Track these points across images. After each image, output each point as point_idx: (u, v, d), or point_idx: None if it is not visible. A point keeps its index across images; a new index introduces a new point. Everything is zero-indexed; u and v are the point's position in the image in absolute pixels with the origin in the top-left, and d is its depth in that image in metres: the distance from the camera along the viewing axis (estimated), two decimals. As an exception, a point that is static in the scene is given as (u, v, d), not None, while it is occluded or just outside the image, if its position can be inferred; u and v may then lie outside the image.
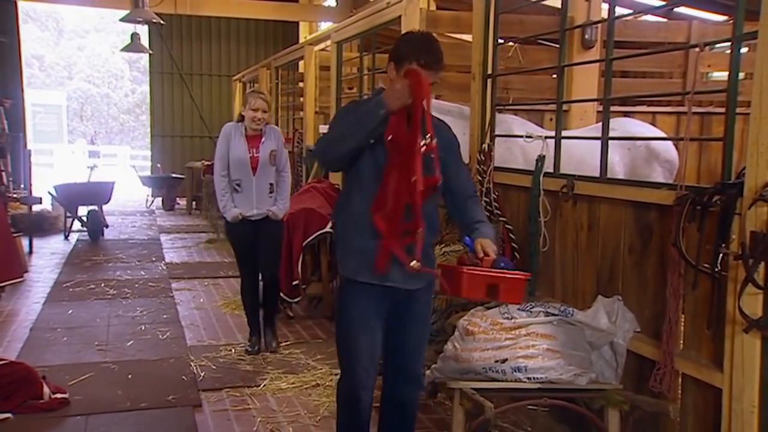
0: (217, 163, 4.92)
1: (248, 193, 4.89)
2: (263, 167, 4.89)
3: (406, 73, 2.61)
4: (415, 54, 2.66)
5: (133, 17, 9.91)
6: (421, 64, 2.65)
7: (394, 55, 2.73)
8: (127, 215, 13.21)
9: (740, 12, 2.68)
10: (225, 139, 4.89)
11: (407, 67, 2.63)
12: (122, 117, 39.58)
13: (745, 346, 2.51)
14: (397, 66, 2.70)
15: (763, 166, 2.42)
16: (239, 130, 4.90)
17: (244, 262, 5.10)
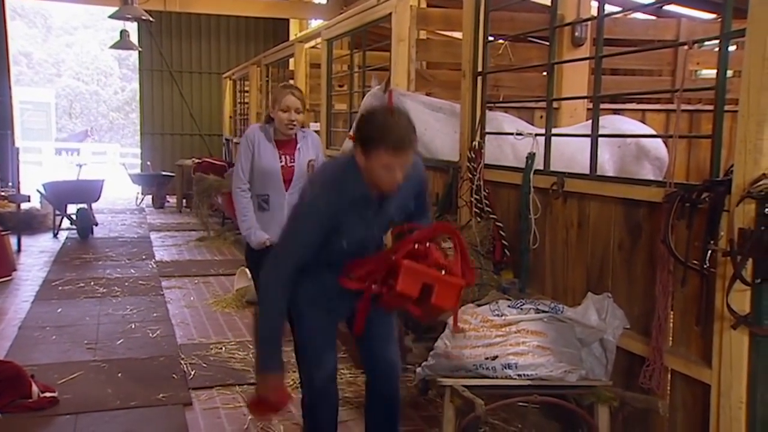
0: (237, 175, 3.93)
1: (278, 212, 3.83)
2: (298, 181, 3.86)
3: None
4: (382, 140, 2.40)
5: (122, 14, 9.86)
6: (391, 150, 2.40)
7: (360, 136, 2.49)
8: (116, 213, 13.14)
9: (728, 10, 2.69)
10: (249, 144, 3.90)
11: (376, 155, 2.41)
12: (112, 114, 39.39)
13: (733, 343, 2.53)
14: (364, 151, 2.45)
15: (751, 164, 2.44)
16: (268, 135, 3.90)
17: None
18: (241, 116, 13.31)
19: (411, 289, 2.45)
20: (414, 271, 2.45)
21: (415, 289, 2.45)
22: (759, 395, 2.45)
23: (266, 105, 10.63)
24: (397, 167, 2.43)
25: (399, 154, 2.41)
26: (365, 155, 2.45)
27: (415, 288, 2.44)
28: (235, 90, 13.97)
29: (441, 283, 2.47)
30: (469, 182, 4.41)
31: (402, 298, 2.49)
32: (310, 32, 9.78)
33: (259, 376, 2.68)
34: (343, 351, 4.97)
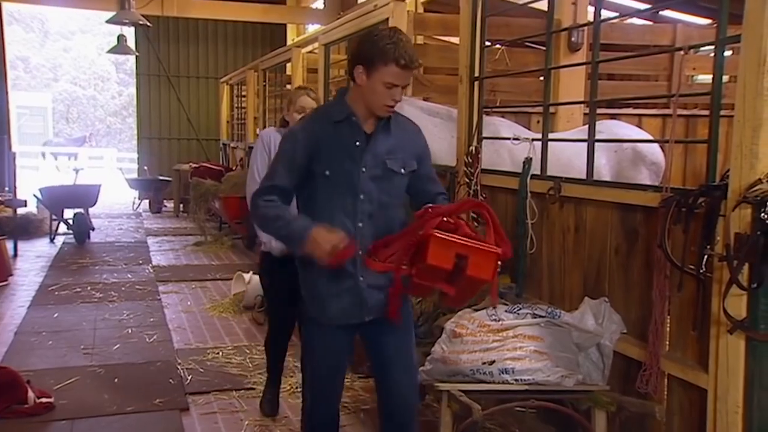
0: (253, 179, 3.75)
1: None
2: None
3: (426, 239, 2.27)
4: (394, 54, 2.37)
5: (120, 19, 9.88)
6: (401, 65, 2.39)
7: (362, 56, 2.43)
8: (113, 218, 13.13)
9: (723, 16, 2.70)
10: (264, 148, 3.78)
11: (381, 70, 2.39)
12: (109, 119, 39.36)
13: (729, 347, 2.53)
14: (368, 69, 2.42)
15: (747, 169, 2.44)
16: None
17: (284, 305, 3.95)
18: (238, 121, 13.30)
19: (443, 260, 2.23)
20: (445, 241, 2.25)
21: (447, 261, 2.24)
22: (755, 400, 2.45)
23: (262, 109, 10.65)
24: (399, 85, 2.42)
25: (406, 70, 2.40)
26: (367, 73, 2.42)
27: (447, 259, 2.24)
28: (232, 95, 13.96)
29: (476, 252, 2.26)
30: (466, 187, 4.42)
31: (434, 272, 2.26)
32: (307, 37, 9.78)
33: (305, 242, 2.39)
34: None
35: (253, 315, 6.10)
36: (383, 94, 2.43)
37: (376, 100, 2.46)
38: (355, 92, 2.52)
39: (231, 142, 13.69)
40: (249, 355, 5.07)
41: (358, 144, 2.51)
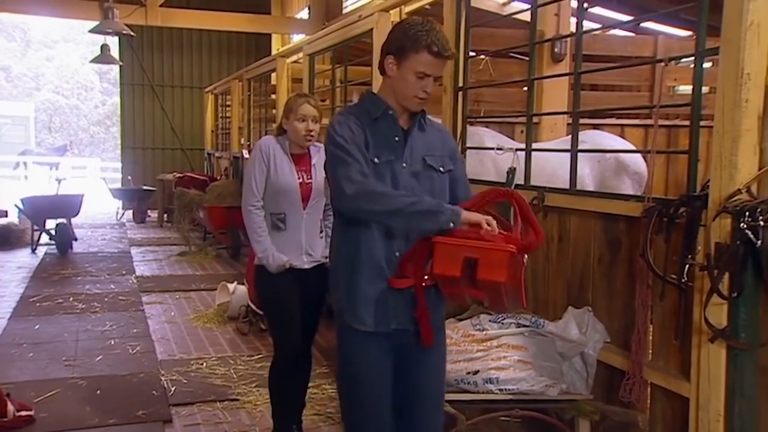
0: (249, 191, 3.54)
1: (296, 232, 3.54)
2: (316, 198, 3.59)
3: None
4: (426, 40, 2.25)
5: (103, 28, 9.83)
6: (434, 52, 2.26)
7: (393, 45, 2.31)
8: (96, 228, 13.03)
9: (702, 28, 2.74)
10: (264, 157, 3.54)
11: (413, 59, 2.27)
12: (92, 129, 39.13)
13: (711, 356, 2.55)
14: (399, 58, 2.30)
15: (727, 179, 2.47)
16: (284, 148, 3.58)
17: (287, 329, 3.58)
18: (222, 131, 13.28)
19: (450, 268, 2.12)
20: (448, 247, 2.13)
21: (455, 268, 2.11)
22: (736, 408, 2.47)
23: (247, 119, 10.63)
24: (432, 75, 2.31)
25: (438, 58, 2.28)
26: (398, 63, 2.30)
27: (455, 266, 2.11)
28: (217, 104, 13.94)
29: (485, 253, 2.12)
30: (450, 197, 4.43)
31: (448, 280, 2.16)
32: (291, 47, 9.79)
33: (456, 213, 2.18)
34: (324, 366, 4.95)
35: (237, 325, 6.07)
36: (414, 84, 2.30)
37: (408, 92, 2.33)
38: (386, 86, 2.39)
39: (216, 151, 13.66)
40: (233, 366, 5.04)
41: (397, 139, 2.37)
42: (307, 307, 3.59)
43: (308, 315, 3.60)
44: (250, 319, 5.98)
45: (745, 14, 2.38)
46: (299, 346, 3.60)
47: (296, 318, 3.55)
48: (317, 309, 3.67)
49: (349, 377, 2.44)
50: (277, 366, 3.67)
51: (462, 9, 4.44)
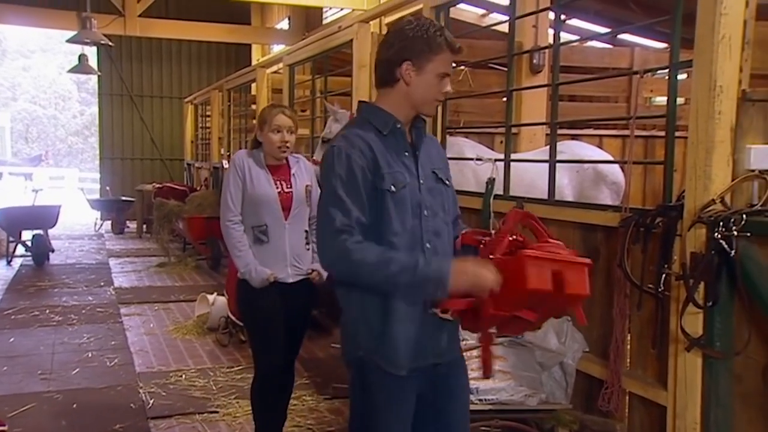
0: (226, 206, 3.47)
1: (279, 243, 3.45)
2: (298, 208, 3.50)
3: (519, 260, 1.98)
4: (444, 39, 2.14)
5: (81, 38, 9.75)
6: (456, 49, 2.17)
7: (409, 51, 2.14)
8: (74, 239, 12.89)
9: (676, 41, 2.79)
10: (238, 171, 3.48)
11: (435, 60, 2.14)
12: (70, 139, 38.75)
13: (687, 365, 2.58)
14: (418, 63, 2.14)
15: (701, 190, 2.51)
16: (258, 160, 3.51)
17: (270, 345, 3.49)
18: (202, 141, 13.23)
19: (543, 281, 1.97)
20: (539, 260, 1.99)
21: (546, 281, 1.97)
22: (712, 416, 2.49)
23: (227, 129, 10.60)
24: (450, 74, 2.19)
25: (456, 55, 2.18)
26: (418, 69, 2.14)
27: (546, 279, 1.98)
28: (197, 115, 13.89)
29: (569, 267, 2.01)
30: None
31: (529, 298, 2.01)
32: (272, 57, 9.79)
33: (446, 282, 2.00)
34: (305, 377, 4.93)
35: (217, 337, 6.03)
36: (436, 87, 2.18)
37: (429, 96, 2.19)
38: (394, 96, 2.20)
39: (195, 162, 13.60)
40: (213, 378, 5.00)
41: (407, 154, 2.21)
42: (291, 321, 3.49)
43: (292, 330, 3.51)
44: (230, 331, 5.94)
45: (716, 27, 2.42)
46: (280, 364, 3.50)
47: (279, 335, 3.45)
48: (302, 324, 3.59)
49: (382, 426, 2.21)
50: (259, 383, 3.56)
51: (441, 20, 4.47)
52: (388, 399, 2.18)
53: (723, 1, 2.41)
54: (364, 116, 2.24)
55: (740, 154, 2.50)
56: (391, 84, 2.20)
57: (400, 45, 2.16)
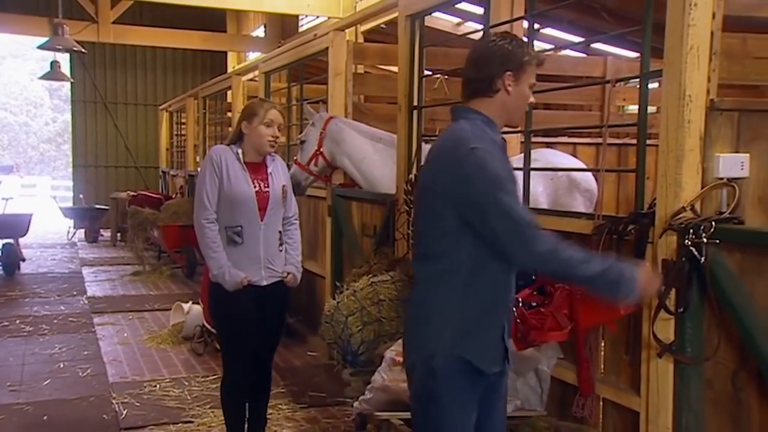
0: (201, 203, 3.33)
1: (253, 245, 3.36)
2: (274, 208, 3.41)
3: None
4: (533, 51, 2.26)
5: (53, 45, 9.61)
6: (542, 62, 2.29)
7: (510, 62, 2.20)
8: (46, 248, 12.71)
9: (646, 51, 2.83)
10: (215, 167, 3.33)
11: (529, 71, 2.22)
12: (42, 146, 38.25)
13: (659, 370, 2.61)
14: (518, 74, 2.21)
15: (672, 197, 2.54)
16: (237, 156, 3.38)
17: (241, 348, 3.43)
18: (178, 148, 13.14)
19: (630, 307, 2.41)
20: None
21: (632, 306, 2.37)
22: (684, 421, 2.52)
23: (202, 137, 10.53)
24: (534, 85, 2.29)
25: (540, 68, 2.29)
26: (517, 79, 2.21)
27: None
28: (172, 122, 13.80)
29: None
30: (405, 215, 4.45)
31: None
32: (247, 65, 9.76)
33: (634, 283, 2.05)
34: (281, 386, 4.90)
35: (192, 345, 5.97)
36: (527, 98, 2.26)
37: (523, 105, 2.27)
38: (496, 105, 2.24)
39: (171, 169, 13.50)
40: (188, 387, 4.95)
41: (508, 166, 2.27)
42: (265, 324, 3.43)
43: (267, 333, 3.47)
44: (206, 339, 5.89)
45: (685, 38, 2.46)
46: (249, 368, 3.44)
47: (250, 340, 3.40)
48: (277, 326, 3.55)
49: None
50: (228, 386, 3.51)
51: (416, 29, 4.50)
52: (464, 401, 2.20)
53: (691, 12, 2.46)
54: (479, 125, 2.24)
55: (709, 163, 2.54)
56: (490, 95, 2.24)
57: (502, 56, 2.21)
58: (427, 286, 2.23)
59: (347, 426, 4.21)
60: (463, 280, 2.16)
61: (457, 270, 2.16)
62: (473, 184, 2.09)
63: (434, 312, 2.19)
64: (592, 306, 2.27)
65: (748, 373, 2.38)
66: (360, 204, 5.40)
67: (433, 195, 2.19)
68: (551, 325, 2.37)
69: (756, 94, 4.29)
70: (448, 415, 2.19)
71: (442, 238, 2.16)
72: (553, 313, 2.38)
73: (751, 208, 2.60)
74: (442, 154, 2.23)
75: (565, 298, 2.35)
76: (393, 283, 4.00)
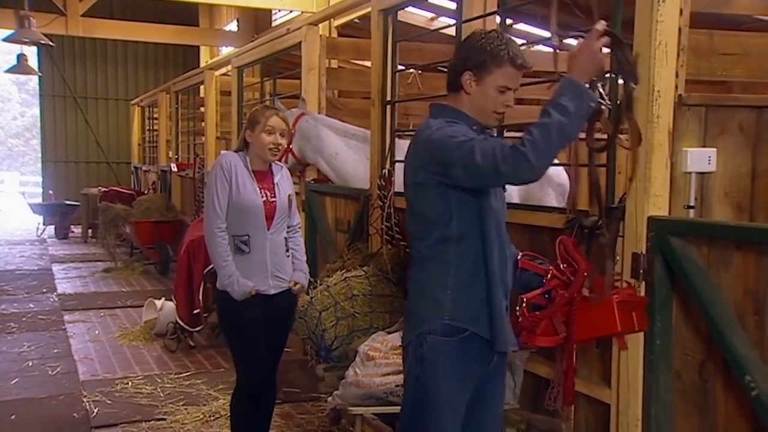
0: (213, 212, 3.29)
1: (260, 254, 3.34)
2: (280, 217, 3.40)
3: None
4: (508, 53, 2.22)
5: (19, 38, 9.44)
6: (518, 65, 2.24)
7: (471, 61, 2.24)
8: (14, 245, 12.51)
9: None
10: (226, 175, 3.30)
11: (495, 73, 2.23)
12: (10, 141, 37.56)
13: (629, 363, 2.64)
14: (479, 74, 2.24)
15: (641, 191, 2.57)
16: (245, 164, 3.36)
17: (251, 359, 3.39)
18: (150, 144, 13.00)
19: (629, 324, 2.30)
20: (625, 303, 2.29)
21: (633, 324, 2.31)
22: (652, 412, 2.56)
23: (175, 132, 10.43)
24: (512, 88, 2.27)
25: (520, 70, 2.25)
26: (478, 79, 2.24)
27: (632, 322, 2.31)
28: (144, 117, 13.64)
29: (640, 306, 2.39)
30: (379, 210, 4.45)
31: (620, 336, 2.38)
32: (220, 59, 9.69)
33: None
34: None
35: (165, 342, 5.93)
36: (495, 99, 2.26)
37: (488, 107, 2.28)
38: (461, 102, 2.30)
39: (143, 165, 13.35)
40: (160, 384, 4.91)
41: None
42: (272, 333, 3.42)
43: (273, 342, 3.45)
44: (179, 336, 5.85)
45: (653, 34, 2.49)
46: (264, 377, 3.42)
47: (261, 347, 3.37)
48: (283, 336, 3.53)
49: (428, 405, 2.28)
50: (240, 396, 3.45)
51: (389, 24, 4.49)
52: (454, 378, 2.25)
53: (659, 9, 2.49)
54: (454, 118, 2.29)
55: (677, 157, 2.58)
56: (456, 91, 2.31)
57: (465, 54, 2.27)
58: (422, 262, 2.32)
59: (321, 421, 4.22)
60: (454, 250, 2.25)
61: (448, 241, 2.25)
62: (437, 145, 2.20)
63: (430, 286, 2.27)
64: (591, 317, 2.25)
65: (715, 365, 2.42)
66: (334, 199, 5.39)
67: (414, 182, 2.31)
68: (544, 329, 2.34)
69: (723, 89, 4.36)
70: (434, 391, 2.24)
71: (433, 218, 2.27)
72: (550, 317, 2.34)
73: (718, 202, 2.64)
74: (411, 147, 2.37)
75: (564, 305, 2.32)
76: (367, 278, 4.00)
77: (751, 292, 2.29)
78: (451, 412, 2.25)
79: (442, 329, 2.24)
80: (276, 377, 3.58)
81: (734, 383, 2.32)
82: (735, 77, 3.68)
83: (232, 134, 7.67)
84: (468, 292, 2.25)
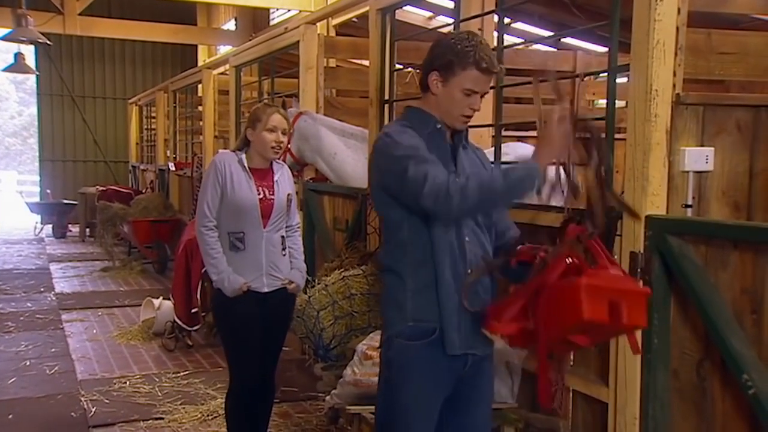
0: (202, 211, 3.32)
1: (255, 252, 3.33)
2: (277, 216, 3.39)
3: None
4: (474, 56, 2.16)
5: (16, 36, 9.41)
6: (483, 69, 2.18)
7: (438, 62, 2.21)
8: (12, 244, 12.49)
9: (614, 45, 2.86)
10: (218, 176, 3.31)
11: (460, 75, 2.17)
12: (8, 140, 37.50)
13: (627, 361, 2.64)
14: (445, 75, 2.20)
15: (639, 190, 2.58)
16: (241, 163, 3.37)
17: (246, 357, 3.37)
18: (148, 143, 12.99)
19: (599, 313, 1.88)
20: (597, 289, 1.90)
21: (602, 312, 1.88)
22: (650, 411, 2.56)
23: (172, 131, 10.42)
24: (479, 92, 2.22)
25: (486, 74, 2.20)
26: (444, 80, 2.20)
27: (603, 310, 1.88)
28: (142, 116, 13.63)
29: (628, 295, 1.94)
30: (377, 209, 4.45)
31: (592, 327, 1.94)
32: (218, 58, 9.67)
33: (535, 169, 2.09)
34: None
35: (163, 341, 5.92)
36: (461, 102, 2.22)
37: (453, 109, 2.24)
38: (430, 102, 2.27)
39: (141, 164, 13.34)
40: (158, 384, 4.91)
41: (450, 162, 2.27)
42: (268, 332, 3.38)
43: (270, 341, 3.41)
44: (176, 335, 5.85)
45: (651, 33, 2.49)
46: (256, 376, 3.38)
47: (255, 346, 3.34)
48: (280, 335, 3.49)
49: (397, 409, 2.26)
50: (233, 396, 3.43)
51: (387, 23, 4.49)
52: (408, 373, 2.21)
53: (657, 8, 2.49)
54: (406, 117, 2.32)
55: (675, 156, 2.58)
56: (425, 90, 2.28)
57: (435, 54, 2.23)
58: (386, 270, 2.31)
59: (320, 420, 4.22)
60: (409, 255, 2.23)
61: (403, 245, 2.24)
62: (379, 153, 2.22)
63: (394, 290, 2.26)
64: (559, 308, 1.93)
65: (712, 363, 2.43)
66: (332, 198, 5.39)
67: (373, 185, 2.33)
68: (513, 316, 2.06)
69: (720, 88, 4.37)
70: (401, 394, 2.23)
71: (389, 222, 2.28)
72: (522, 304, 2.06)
73: (716, 201, 2.65)
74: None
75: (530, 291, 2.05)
76: (365, 277, 4.00)
77: (749, 291, 2.30)
78: (420, 414, 2.23)
79: (408, 332, 2.22)
80: (275, 376, 3.55)
81: (731, 382, 2.33)
82: (733, 76, 3.68)
83: (230, 133, 7.66)
84: (425, 296, 2.21)
